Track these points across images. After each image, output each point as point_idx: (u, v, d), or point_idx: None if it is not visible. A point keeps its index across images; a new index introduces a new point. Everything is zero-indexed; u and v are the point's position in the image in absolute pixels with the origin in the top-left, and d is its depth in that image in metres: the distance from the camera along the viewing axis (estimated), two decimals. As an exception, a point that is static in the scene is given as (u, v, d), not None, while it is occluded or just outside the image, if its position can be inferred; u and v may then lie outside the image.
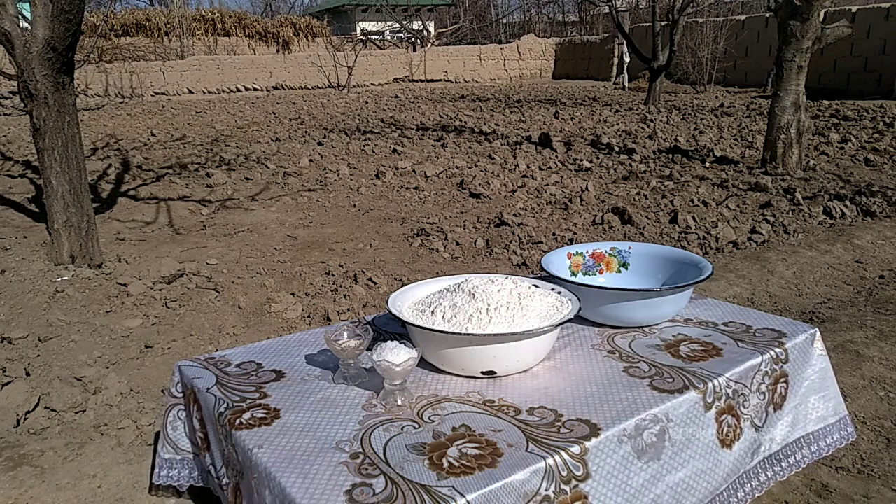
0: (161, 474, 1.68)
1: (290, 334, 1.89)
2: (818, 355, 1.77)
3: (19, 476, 1.87)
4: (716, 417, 1.51)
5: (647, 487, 1.37)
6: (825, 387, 1.78)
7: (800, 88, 5.97)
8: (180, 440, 1.66)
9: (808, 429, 1.74)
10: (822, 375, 1.78)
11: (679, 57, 14.01)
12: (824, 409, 1.77)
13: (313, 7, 34.62)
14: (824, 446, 1.76)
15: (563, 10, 32.68)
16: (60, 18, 3.19)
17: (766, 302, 3.27)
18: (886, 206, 4.75)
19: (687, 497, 1.43)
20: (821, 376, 1.77)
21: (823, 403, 1.77)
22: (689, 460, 1.45)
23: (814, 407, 1.75)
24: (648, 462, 1.38)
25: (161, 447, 1.68)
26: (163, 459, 1.68)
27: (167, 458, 1.68)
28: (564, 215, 4.81)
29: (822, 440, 1.77)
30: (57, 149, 3.41)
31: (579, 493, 1.26)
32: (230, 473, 1.41)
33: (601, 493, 1.30)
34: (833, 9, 13.47)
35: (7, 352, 2.57)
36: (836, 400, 1.80)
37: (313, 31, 20.60)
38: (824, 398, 1.77)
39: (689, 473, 1.45)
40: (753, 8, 21.77)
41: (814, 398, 1.76)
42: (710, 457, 1.50)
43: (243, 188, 5.91)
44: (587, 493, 1.27)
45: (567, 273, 2.06)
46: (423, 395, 1.49)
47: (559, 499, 1.24)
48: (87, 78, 14.95)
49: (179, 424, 1.66)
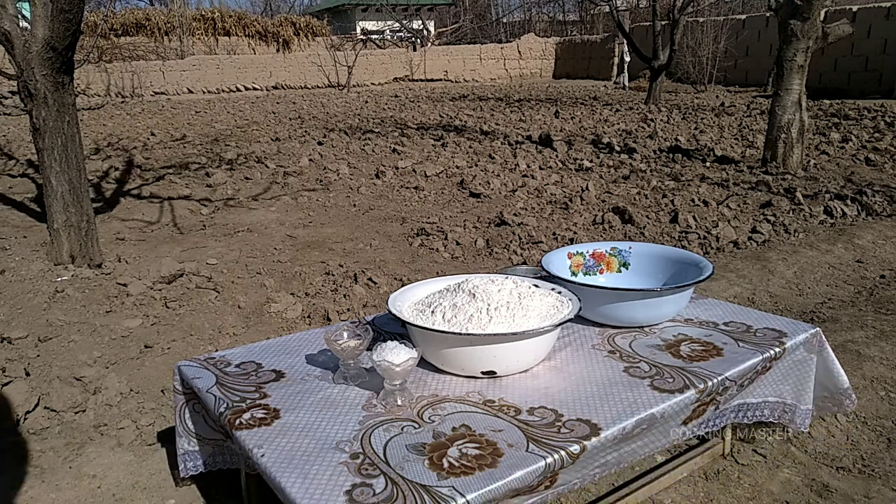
0: (194, 465, 1.70)
1: (290, 334, 1.88)
2: (804, 350, 1.78)
3: (19, 476, 1.87)
4: (695, 408, 1.52)
5: (601, 457, 1.38)
6: (790, 374, 1.78)
7: (801, 88, 5.96)
8: (203, 430, 1.66)
9: (748, 399, 1.75)
10: (795, 366, 1.78)
11: (679, 56, 14.00)
12: (773, 390, 1.78)
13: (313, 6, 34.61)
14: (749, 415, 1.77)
15: (564, 10, 32.67)
16: (60, 18, 3.19)
17: (767, 302, 3.26)
18: (887, 206, 4.74)
19: (627, 459, 1.45)
20: (794, 367, 1.78)
21: (777, 386, 1.78)
22: (651, 438, 1.47)
23: (767, 384, 1.76)
24: (620, 444, 1.39)
25: (187, 441, 1.68)
26: (189, 452, 1.69)
27: (192, 449, 1.69)
28: (565, 215, 4.80)
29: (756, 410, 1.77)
30: (56, 148, 3.41)
31: (553, 474, 1.28)
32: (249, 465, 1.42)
33: (569, 470, 1.31)
34: (833, 8, 13.46)
35: (7, 352, 2.57)
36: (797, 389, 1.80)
37: (313, 31, 20.58)
38: (781, 381, 1.78)
39: (641, 444, 1.46)
40: (754, 7, 21.76)
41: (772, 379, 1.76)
42: (668, 434, 1.51)
43: (243, 188, 5.90)
44: (559, 472, 1.29)
45: (567, 273, 2.05)
46: (423, 395, 1.49)
47: (538, 483, 1.25)
48: (88, 78, 14.95)
49: (198, 416, 1.66)
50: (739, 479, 1.84)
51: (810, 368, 1.79)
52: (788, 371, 1.78)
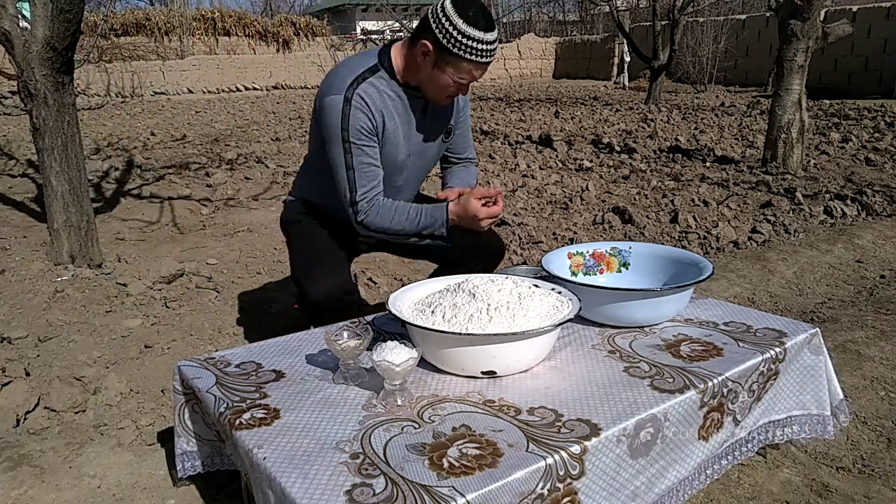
0: (192, 465, 1.69)
1: (290, 334, 1.88)
2: (810, 352, 1.77)
3: (19, 476, 1.87)
4: (705, 414, 1.52)
5: (629, 481, 1.38)
6: (806, 381, 1.77)
7: (801, 88, 5.96)
8: (202, 430, 1.66)
9: (773, 417, 1.73)
10: (808, 371, 1.77)
11: (679, 56, 14.00)
12: (796, 402, 1.76)
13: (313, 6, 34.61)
14: (779, 434, 1.75)
15: (564, 10, 32.67)
16: (60, 18, 3.19)
17: (767, 302, 3.26)
18: (887, 206, 4.74)
19: (658, 484, 1.44)
20: (807, 372, 1.77)
21: (799, 397, 1.77)
22: (670, 453, 1.46)
23: (788, 396, 1.75)
24: (638, 459, 1.39)
25: (186, 441, 1.68)
26: (188, 452, 1.68)
27: (191, 450, 1.68)
28: (565, 215, 4.80)
29: (786, 427, 1.76)
30: (56, 148, 3.41)
31: (571, 490, 1.27)
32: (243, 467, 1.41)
33: (590, 488, 1.30)
34: (834, 8, 13.46)
35: (7, 352, 2.57)
36: (817, 397, 1.79)
37: (313, 31, 20.57)
38: (800, 391, 1.77)
39: (665, 465, 1.45)
40: (754, 7, 21.75)
41: (791, 390, 1.75)
42: (688, 449, 1.50)
43: (243, 188, 5.91)
44: (578, 489, 1.28)
45: (567, 273, 2.05)
46: (423, 395, 1.49)
47: (552, 496, 1.24)
48: (88, 78, 14.95)
49: (197, 417, 1.66)
50: (739, 480, 1.84)
51: (821, 371, 1.79)
52: (803, 378, 1.76)
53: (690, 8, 12.29)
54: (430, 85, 1.99)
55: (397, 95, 2.03)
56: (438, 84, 1.96)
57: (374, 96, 1.97)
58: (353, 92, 1.94)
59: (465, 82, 1.96)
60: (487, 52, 1.90)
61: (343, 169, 1.98)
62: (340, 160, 1.98)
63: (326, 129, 1.97)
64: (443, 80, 1.94)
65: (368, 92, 1.96)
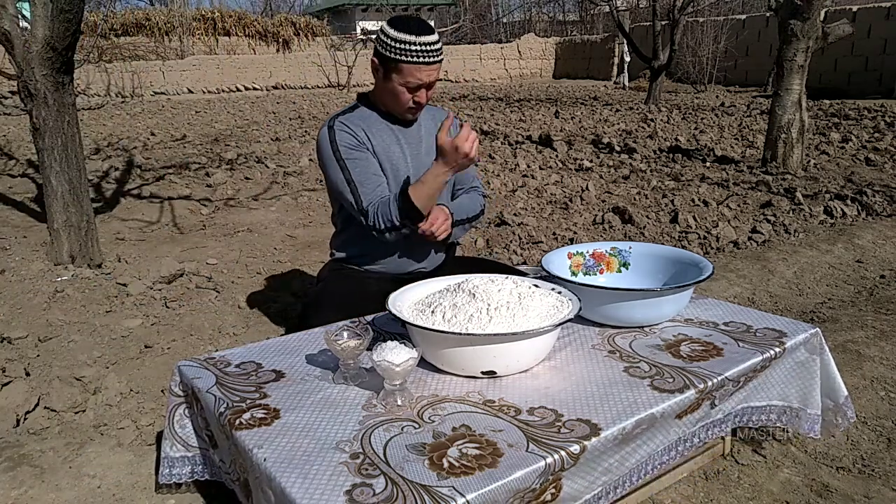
0: (171, 472, 1.67)
1: (290, 334, 1.88)
2: (805, 350, 1.77)
3: (19, 476, 1.87)
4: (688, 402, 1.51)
5: (604, 459, 1.37)
6: (794, 377, 1.77)
7: (801, 88, 5.96)
8: (190, 438, 1.65)
9: (752, 403, 1.72)
10: (798, 367, 1.77)
11: (679, 56, 14.00)
12: (778, 392, 1.76)
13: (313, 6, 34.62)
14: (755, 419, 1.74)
15: (564, 10, 32.67)
16: (60, 18, 3.19)
17: (767, 302, 3.26)
18: (887, 206, 4.74)
19: (629, 459, 1.44)
20: (797, 368, 1.77)
21: (782, 388, 1.76)
22: (646, 432, 1.45)
23: (771, 386, 1.74)
24: (621, 445, 1.39)
25: (170, 446, 1.66)
26: (171, 458, 1.66)
27: (177, 456, 1.66)
28: (565, 215, 4.80)
29: (762, 414, 1.75)
30: (56, 148, 3.41)
31: (557, 477, 1.27)
32: (238, 469, 1.41)
33: (572, 472, 1.30)
34: (834, 8, 13.47)
35: (7, 352, 2.57)
36: (803, 393, 1.78)
37: (313, 31, 20.59)
38: (785, 384, 1.76)
39: (640, 443, 1.45)
40: (754, 7, 21.76)
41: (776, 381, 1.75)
42: (663, 428, 1.49)
43: (243, 188, 5.91)
44: (562, 476, 1.29)
45: (567, 273, 2.05)
46: (423, 395, 1.49)
47: (541, 486, 1.24)
48: (88, 78, 14.95)
49: (187, 422, 1.65)
50: (739, 479, 1.84)
51: (815, 370, 1.78)
52: (792, 373, 1.77)
53: (690, 8, 12.29)
54: (387, 98, 2.13)
55: (380, 118, 2.19)
56: (393, 94, 2.08)
57: (354, 119, 2.16)
58: (335, 121, 2.15)
59: (413, 86, 2.05)
60: (422, 52, 1.99)
61: (345, 186, 2.10)
62: (341, 178, 2.10)
63: (322, 160, 2.14)
64: (394, 89, 2.06)
65: (349, 117, 2.17)
